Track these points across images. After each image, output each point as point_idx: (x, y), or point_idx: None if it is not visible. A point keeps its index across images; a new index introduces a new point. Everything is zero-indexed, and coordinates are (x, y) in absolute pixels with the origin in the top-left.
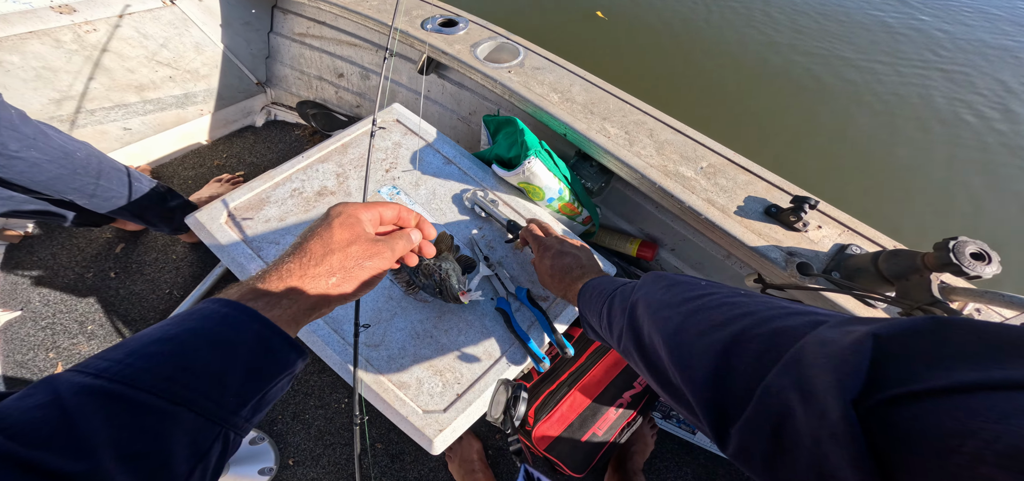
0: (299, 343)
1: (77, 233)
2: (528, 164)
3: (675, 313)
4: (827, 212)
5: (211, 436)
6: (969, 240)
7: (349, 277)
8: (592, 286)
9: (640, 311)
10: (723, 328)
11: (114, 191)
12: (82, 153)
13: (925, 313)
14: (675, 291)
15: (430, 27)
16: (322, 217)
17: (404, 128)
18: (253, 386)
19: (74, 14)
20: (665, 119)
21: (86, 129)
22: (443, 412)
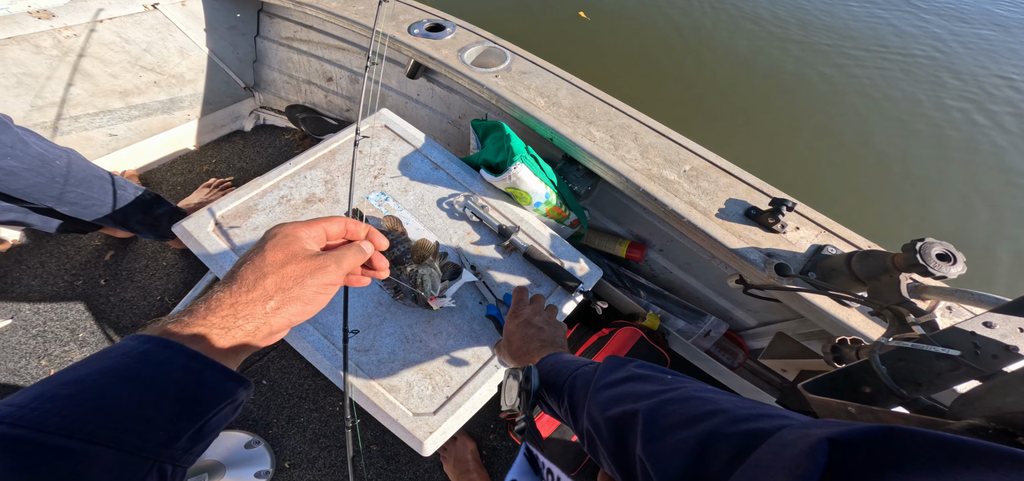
0: (237, 374)
1: (65, 240)
2: (514, 169)
3: (644, 404)
4: (805, 213)
5: (139, 471)
6: (935, 241)
7: (289, 298)
8: (551, 362)
9: (605, 397)
10: (695, 424)
11: (95, 199)
12: (62, 161)
13: (893, 311)
14: (644, 383)
15: (417, 32)
16: (256, 242)
17: (392, 133)
18: (186, 419)
19: (53, 19)
20: (650, 122)
21: (71, 135)
22: (433, 414)
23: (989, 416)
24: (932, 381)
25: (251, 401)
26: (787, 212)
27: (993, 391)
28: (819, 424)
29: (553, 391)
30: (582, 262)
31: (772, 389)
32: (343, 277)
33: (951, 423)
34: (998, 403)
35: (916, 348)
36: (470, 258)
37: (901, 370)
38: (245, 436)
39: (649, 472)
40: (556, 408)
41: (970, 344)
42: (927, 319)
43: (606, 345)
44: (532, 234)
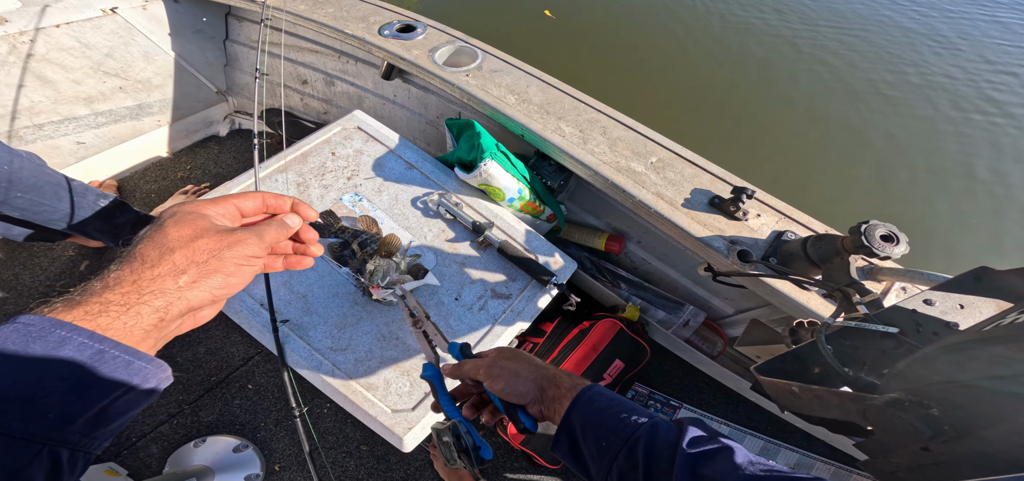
0: (144, 355)
1: (38, 252)
2: (484, 166)
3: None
4: (765, 200)
5: (23, 456)
6: (879, 223)
7: (206, 271)
8: (597, 397)
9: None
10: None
11: (47, 205)
12: (11, 166)
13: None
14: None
15: (388, 33)
16: (153, 222)
17: (366, 134)
18: (80, 401)
19: (6, 24)
20: (618, 116)
21: (36, 144)
22: (412, 411)
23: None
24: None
25: (238, 405)
26: (747, 199)
27: (915, 365)
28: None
29: (600, 438)
30: (557, 256)
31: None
32: (266, 250)
33: (875, 398)
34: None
35: (859, 327)
36: (445, 256)
37: (847, 350)
38: (233, 440)
39: None
40: (589, 455)
41: (912, 322)
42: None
43: (586, 338)
44: (506, 229)
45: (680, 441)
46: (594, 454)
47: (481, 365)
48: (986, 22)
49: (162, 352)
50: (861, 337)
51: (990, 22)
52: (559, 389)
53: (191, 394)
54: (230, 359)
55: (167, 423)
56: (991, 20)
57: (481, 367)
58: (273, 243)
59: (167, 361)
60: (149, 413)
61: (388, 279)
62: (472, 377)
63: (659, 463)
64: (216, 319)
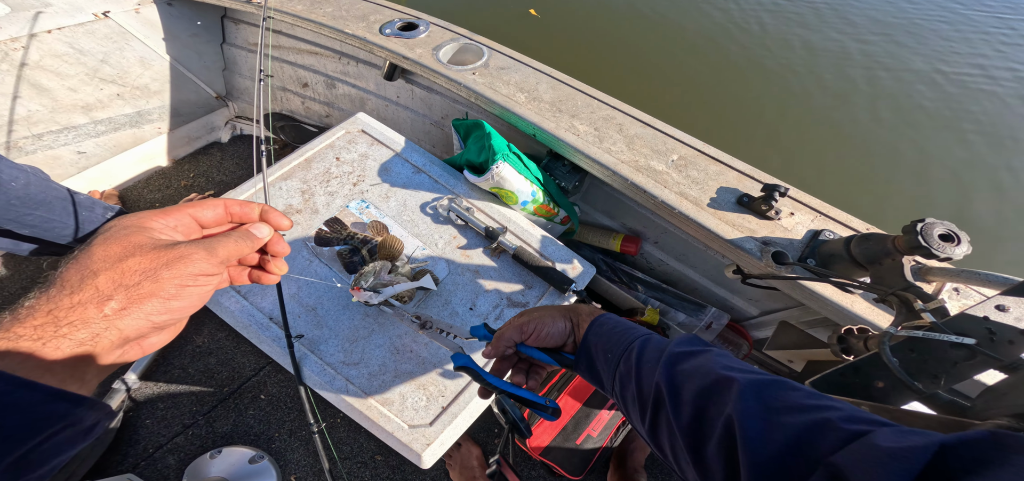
0: (67, 393)
1: (45, 266)
2: (496, 168)
3: (744, 376)
4: (798, 198)
5: None
6: (937, 222)
7: (138, 295)
8: (607, 320)
9: (692, 365)
10: (804, 412)
11: (58, 221)
12: (19, 183)
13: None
14: (735, 361)
15: (389, 32)
16: (97, 236)
17: (370, 138)
18: (6, 447)
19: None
20: (634, 113)
21: (37, 155)
22: (429, 426)
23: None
24: (949, 372)
25: (252, 416)
26: (780, 197)
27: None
28: (924, 432)
29: (608, 351)
30: (575, 262)
31: None
32: (219, 266)
33: (975, 423)
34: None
35: (928, 337)
36: (457, 265)
37: (914, 362)
38: (249, 451)
39: (734, 441)
40: (602, 368)
41: (984, 330)
42: (936, 305)
43: None
44: (521, 234)
45: (668, 345)
46: (603, 366)
47: (513, 327)
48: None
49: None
50: (929, 348)
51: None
52: (580, 318)
53: (205, 405)
54: (241, 369)
55: (182, 434)
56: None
57: (514, 328)
58: (231, 258)
59: (178, 373)
60: (165, 424)
61: (373, 281)
62: (510, 342)
63: (648, 363)
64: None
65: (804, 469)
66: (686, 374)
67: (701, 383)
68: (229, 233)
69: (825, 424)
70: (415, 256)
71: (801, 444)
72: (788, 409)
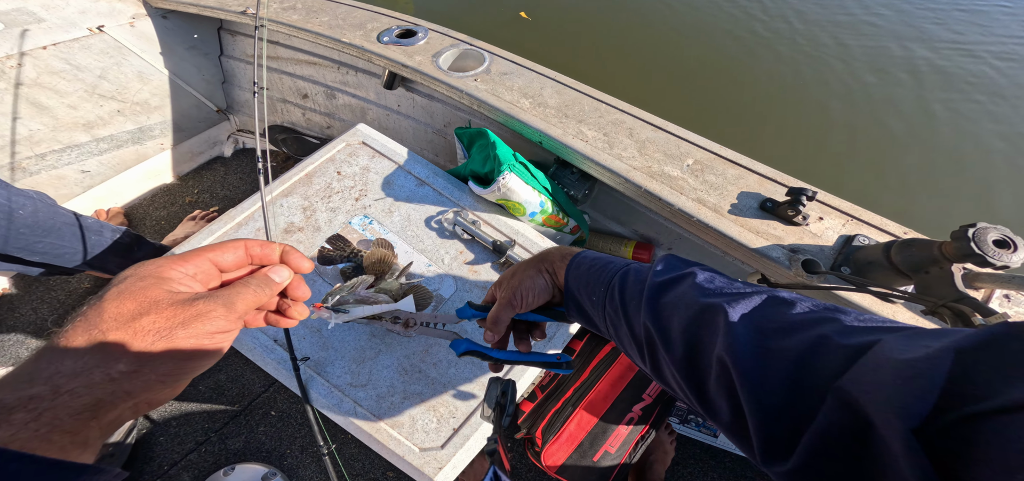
0: (70, 464)
1: (55, 285)
2: (503, 179)
3: (729, 302)
4: (827, 202)
5: None
6: (990, 226)
7: (149, 358)
8: (586, 263)
9: (674, 295)
10: (798, 331)
11: (67, 247)
12: (27, 211)
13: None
14: (719, 280)
15: (387, 39)
16: (112, 288)
17: (372, 150)
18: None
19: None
20: (645, 116)
21: (41, 175)
22: (441, 449)
23: None
24: None
25: (263, 432)
26: (808, 202)
27: None
28: (934, 334)
29: (591, 294)
30: None
31: None
32: (237, 321)
33: None
34: None
35: None
36: (465, 282)
37: None
38: (261, 469)
39: (732, 378)
40: (592, 312)
41: None
42: (998, 318)
43: (620, 357)
44: (530, 247)
45: (648, 275)
46: (592, 310)
47: (502, 305)
48: None
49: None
50: None
51: None
52: (555, 265)
53: (217, 422)
54: (251, 386)
55: (195, 451)
56: None
57: (504, 306)
58: (250, 309)
59: (190, 390)
60: (178, 441)
61: (338, 299)
62: (507, 321)
63: (632, 300)
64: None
65: (811, 401)
66: (670, 306)
67: (686, 316)
68: (248, 280)
69: (822, 342)
70: (415, 272)
71: (802, 373)
72: (781, 331)
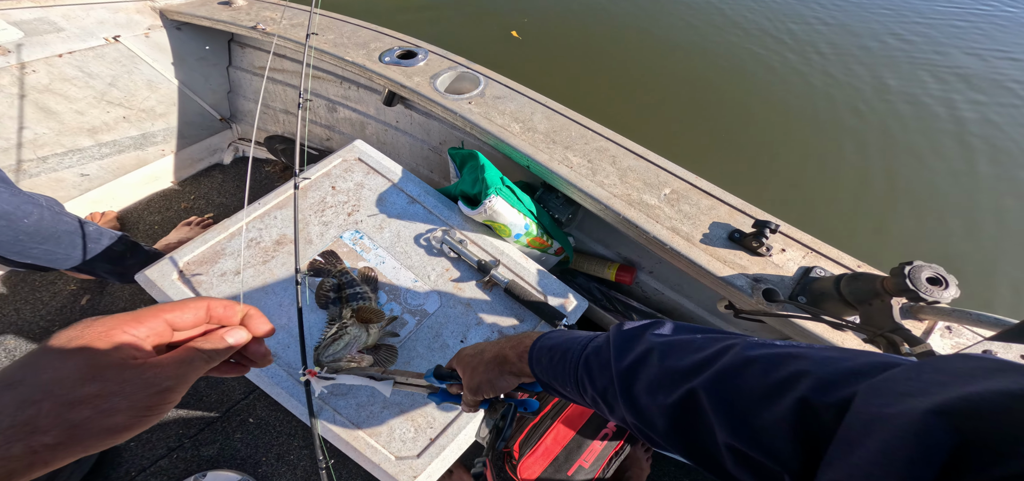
0: None
1: (39, 286)
2: (489, 202)
3: (700, 381)
4: (789, 234)
5: None
6: (924, 264)
7: (80, 432)
8: (541, 354)
9: (642, 385)
10: (781, 394)
11: (62, 254)
12: (32, 218)
13: (887, 339)
14: (678, 352)
15: (388, 60)
16: (35, 350)
17: (367, 166)
18: None
19: (8, 55)
20: (628, 145)
21: (40, 178)
22: (417, 458)
23: None
24: None
25: (239, 439)
26: (771, 234)
27: None
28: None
29: (563, 384)
30: (570, 296)
31: None
32: (183, 390)
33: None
34: None
35: None
36: (449, 297)
37: None
38: (234, 476)
39: (753, 456)
40: (570, 397)
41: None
42: (923, 349)
43: None
44: (514, 268)
45: (611, 362)
46: (569, 393)
47: (467, 400)
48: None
49: None
50: None
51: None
52: (516, 366)
53: (191, 428)
54: (231, 392)
55: (166, 457)
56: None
57: (468, 401)
58: (198, 372)
59: None
60: (148, 447)
61: (330, 363)
62: (475, 406)
63: (607, 391)
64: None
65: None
66: (647, 396)
67: (669, 414)
68: (203, 342)
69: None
70: (399, 284)
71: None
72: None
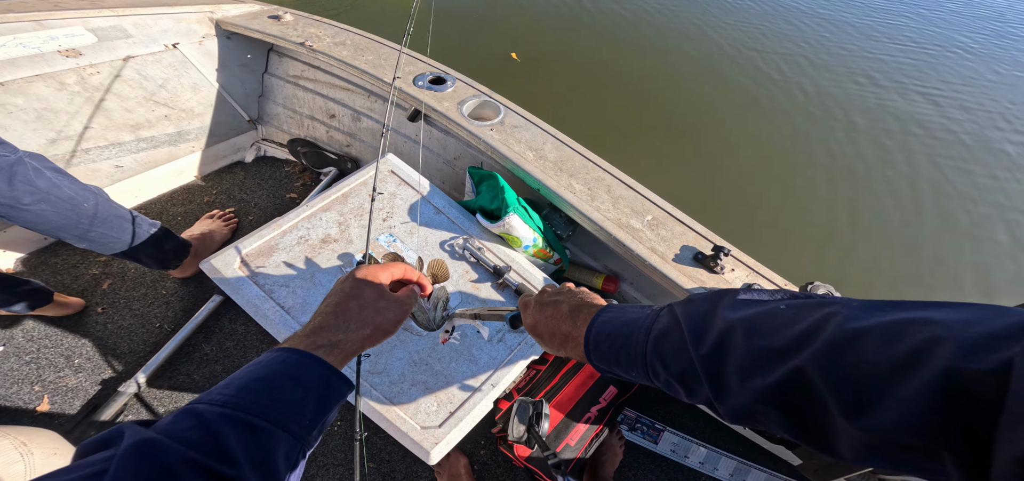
0: (349, 380)
1: (61, 269)
2: (508, 219)
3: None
4: (738, 257)
5: (296, 451)
6: (820, 284)
7: (378, 330)
8: (605, 334)
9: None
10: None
11: (114, 237)
12: (90, 203)
13: None
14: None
15: (421, 84)
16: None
17: (398, 178)
18: (320, 414)
19: (80, 58)
20: (621, 176)
21: (79, 167)
22: (438, 428)
23: None
24: None
25: None
26: (725, 257)
27: None
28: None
29: (632, 369)
30: None
31: None
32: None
33: None
34: None
35: None
36: (469, 296)
37: None
38: None
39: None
40: (649, 381)
41: None
42: None
43: (584, 366)
44: (522, 273)
45: (686, 345)
46: (637, 377)
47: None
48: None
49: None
50: None
51: None
52: (577, 342)
53: None
54: None
55: None
56: None
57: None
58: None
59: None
60: None
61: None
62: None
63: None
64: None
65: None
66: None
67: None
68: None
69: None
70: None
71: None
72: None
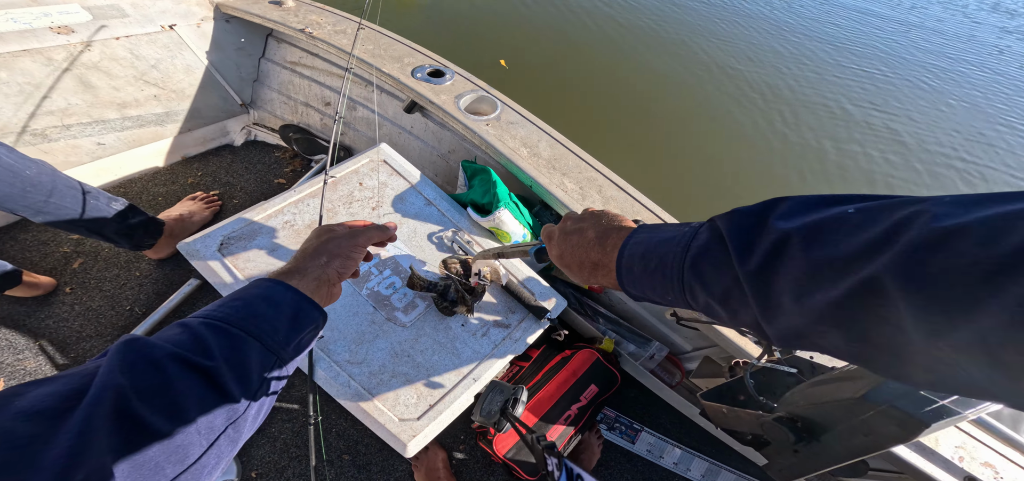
0: (319, 306)
1: (30, 247)
2: (498, 214)
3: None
4: None
5: (270, 361)
6: None
7: (332, 256)
8: (635, 255)
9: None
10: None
11: (66, 208)
12: (32, 171)
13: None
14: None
15: (419, 76)
16: (313, 231)
17: (390, 168)
18: (293, 332)
19: (72, 35)
20: (612, 176)
21: (58, 143)
22: (417, 420)
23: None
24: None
25: None
26: None
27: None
28: None
29: (668, 294)
30: (553, 298)
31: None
32: (368, 245)
33: (767, 416)
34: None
35: (772, 367)
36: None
37: (764, 384)
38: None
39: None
40: (687, 305)
41: (809, 365)
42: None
43: (567, 364)
44: (510, 268)
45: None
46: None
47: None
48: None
49: None
50: (774, 374)
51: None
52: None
53: None
54: None
55: None
56: None
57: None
58: (366, 244)
59: None
60: None
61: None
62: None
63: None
64: None
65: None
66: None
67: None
68: (366, 227)
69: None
70: (405, 289)
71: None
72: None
